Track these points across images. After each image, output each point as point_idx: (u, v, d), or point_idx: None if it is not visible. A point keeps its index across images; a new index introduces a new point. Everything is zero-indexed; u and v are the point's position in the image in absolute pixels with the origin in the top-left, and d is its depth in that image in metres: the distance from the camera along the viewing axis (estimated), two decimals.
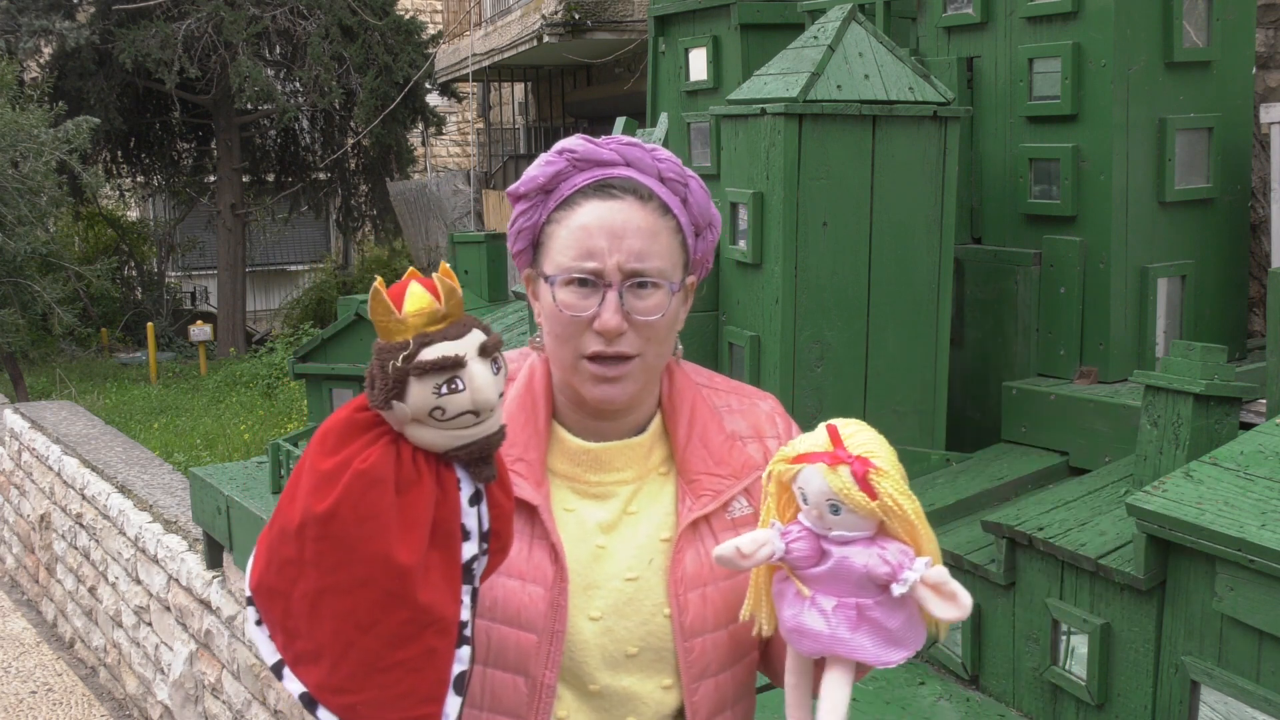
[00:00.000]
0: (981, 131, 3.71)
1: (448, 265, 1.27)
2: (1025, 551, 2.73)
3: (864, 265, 3.25)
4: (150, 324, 14.87)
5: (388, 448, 1.25)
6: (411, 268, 1.30)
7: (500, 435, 1.30)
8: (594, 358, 1.46)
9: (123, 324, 17.08)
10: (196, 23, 13.90)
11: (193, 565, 5.72)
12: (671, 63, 4.61)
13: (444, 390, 1.22)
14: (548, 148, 1.59)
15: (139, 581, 6.49)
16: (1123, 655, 2.51)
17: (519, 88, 18.17)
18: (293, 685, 1.27)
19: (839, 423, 1.38)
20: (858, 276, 3.25)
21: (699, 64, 4.39)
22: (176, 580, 5.91)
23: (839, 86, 3.21)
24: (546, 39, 12.36)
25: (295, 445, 4.92)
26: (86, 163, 13.21)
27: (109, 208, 18.50)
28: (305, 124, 17.45)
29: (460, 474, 1.29)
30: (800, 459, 1.37)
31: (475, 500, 1.30)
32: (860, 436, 1.37)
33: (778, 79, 3.31)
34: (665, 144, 4.83)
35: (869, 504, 1.33)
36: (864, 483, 1.33)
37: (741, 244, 3.40)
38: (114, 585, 6.93)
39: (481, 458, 1.28)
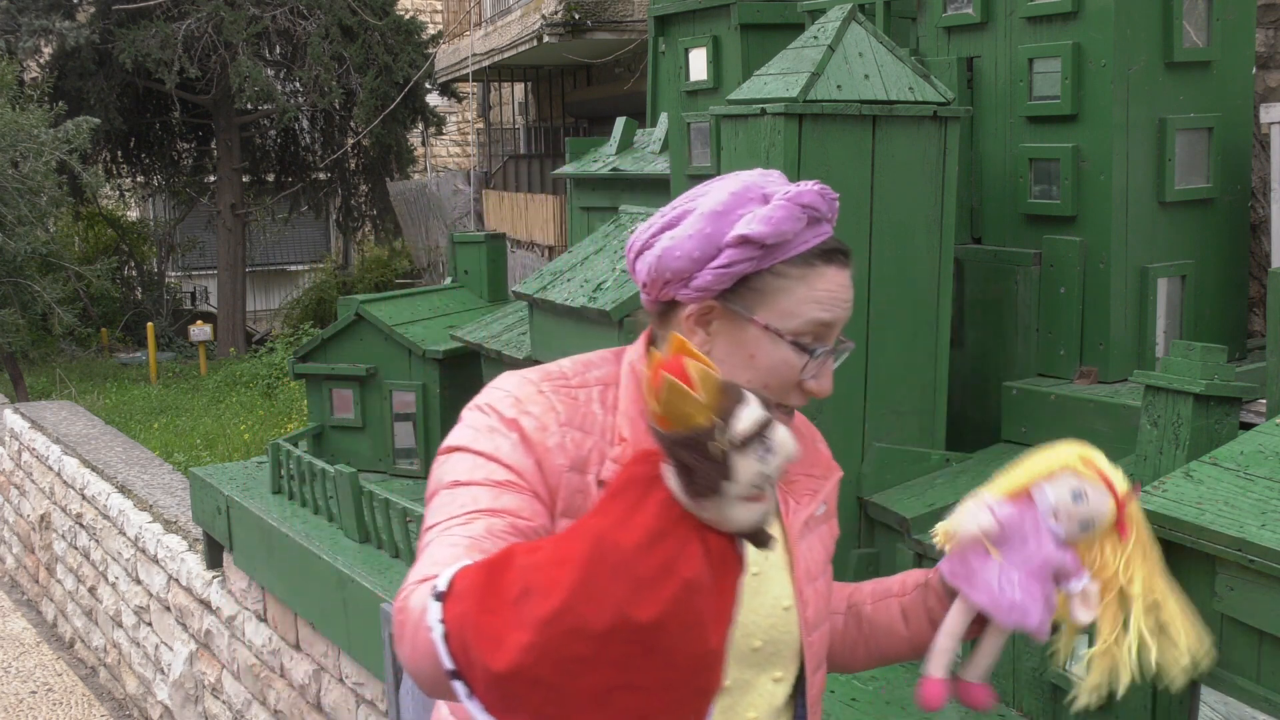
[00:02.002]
0: (981, 131, 3.71)
1: (680, 336, 1.16)
2: None
3: (864, 265, 3.25)
4: (150, 324, 14.87)
5: (701, 543, 1.12)
6: (656, 354, 1.17)
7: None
8: (789, 410, 1.53)
9: (123, 324, 17.08)
10: (196, 23, 13.90)
11: (193, 565, 5.72)
12: (671, 63, 4.61)
13: (764, 456, 1.12)
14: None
15: (139, 581, 6.49)
16: None
17: (519, 88, 18.17)
18: None
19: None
20: (858, 276, 3.23)
21: (699, 64, 4.39)
22: (176, 580, 5.91)
23: (839, 86, 3.21)
24: (546, 39, 12.36)
25: (295, 445, 4.92)
26: (86, 163, 13.21)
27: (109, 208, 18.50)
28: (305, 124, 17.46)
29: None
30: (1101, 477, 1.60)
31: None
32: (1136, 507, 1.62)
33: (778, 79, 3.31)
34: (665, 144, 4.83)
35: (1098, 544, 1.60)
36: (1121, 528, 1.60)
37: None
38: (114, 585, 6.93)
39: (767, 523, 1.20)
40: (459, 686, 1.10)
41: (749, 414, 1.11)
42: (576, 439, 1.45)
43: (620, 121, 5.28)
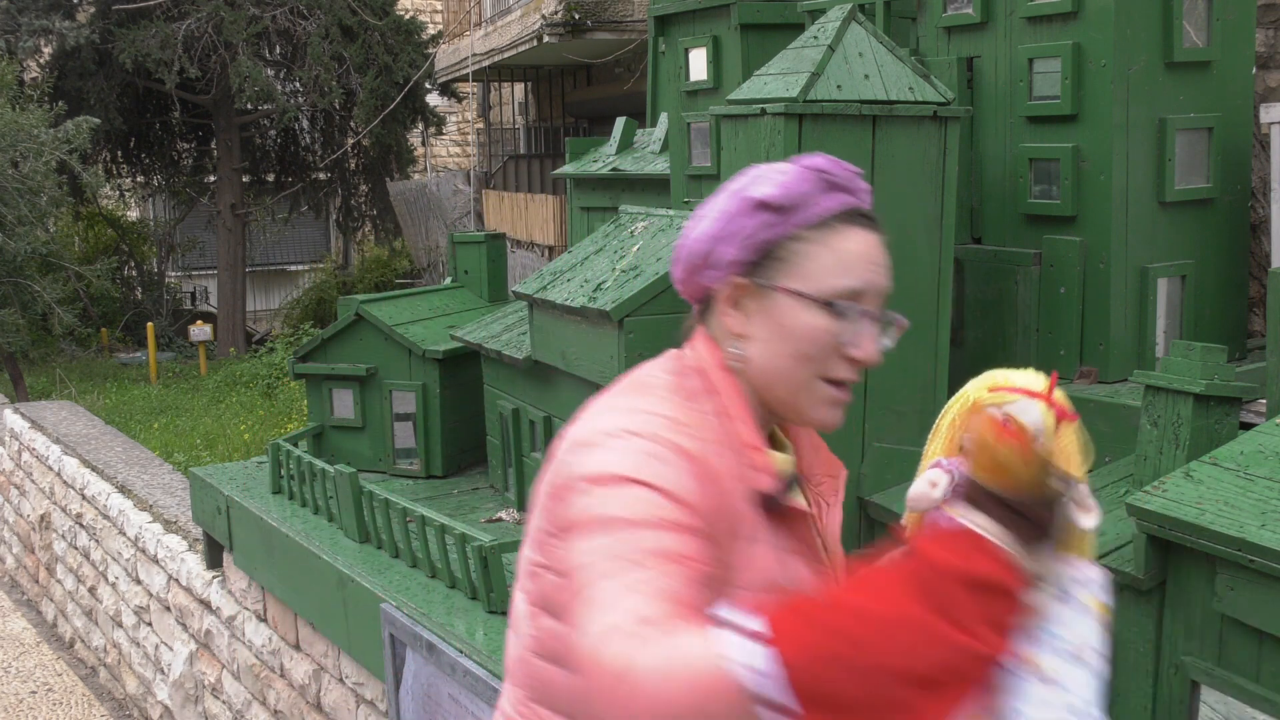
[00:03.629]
0: (981, 131, 3.71)
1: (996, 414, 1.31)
2: None
3: None
4: (150, 324, 14.87)
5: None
6: (980, 407, 1.38)
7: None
8: (838, 381, 1.50)
9: (123, 324, 17.08)
10: (196, 23, 13.90)
11: (193, 565, 5.72)
12: (671, 63, 4.61)
13: (1077, 510, 1.26)
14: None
15: (139, 581, 6.49)
16: (1122, 655, 2.51)
17: (519, 88, 18.17)
18: None
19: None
20: None
21: (699, 64, 4.39)
22: (176, 580, 5.91)
23: (839, 86, 3.21)
24: (546, 39, 12.35)
25: (295, 445, 4.92)
26: (86, 163, 13.21)
27: (109, 208, 18.50)
28: (305, 124, 17.46)
29: None
30: (1019, 391, 1.43)
31: None
32: (1061, 394, 1.47)
33: (778, 79, 3.31)
34: (665, 144, 4.83)
35: (1053, 444, 1.40)
36: (1060, 414, 1.43)
37: None
38: (114, 585, 6.93)
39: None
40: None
41: (1059, 470, 1.25)
42: (726, 455, 1.43)
43: (620, 121, 5.27)
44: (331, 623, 4.28)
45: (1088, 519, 1.40)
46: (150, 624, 6.40)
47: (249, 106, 15.89)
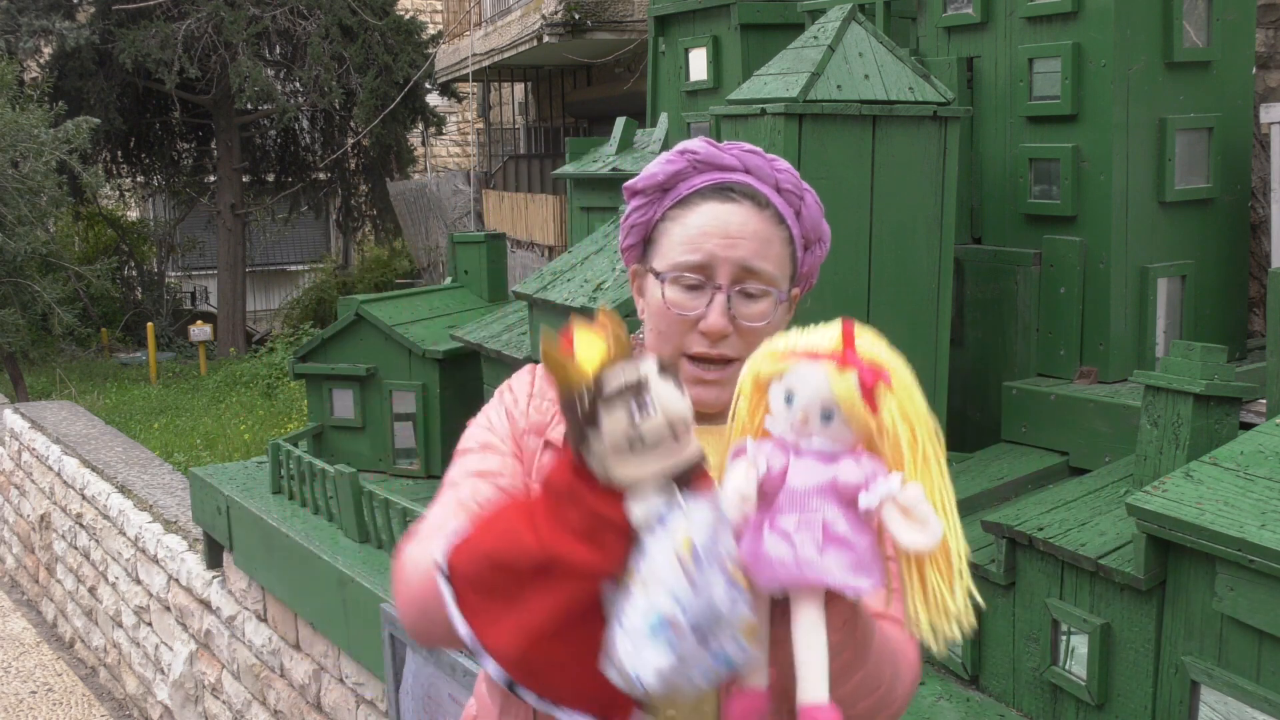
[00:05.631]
0: (981, 131, 3.71)
1: (607, 308, 1.25)
2: (1025, 551, 2.73)
3: (864, 265, 3.24)
4: (150, 324, 14.87)
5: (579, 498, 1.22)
6: (575, 319, 1.30)
7: (700, 456, 1.22)
8: (696, 358, 1.49)
9: (123, 324, 17.09)
10: (196, 23, 13.90)
11: (193, 565, 5.72)
12: (671, 63, 4.61)
13: (637, 416, 1.18)
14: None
15: (139, 581, 6.49)
16: (1123, 655, 2.51)
17: (519, 88, 18.17)
18: None
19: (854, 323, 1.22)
20: (858, 276, 3.25)
21: (699, 64, 4.39)
22: (176, 580, 5.91)
23: (839, 86, 3.21)
24: (546, 39, 12.36)
25: (295, 445, 4.92)
26: (86, 163, 13.20)
27: (109, 208, 18.50)
28: (305, 124, 17.46)
29: None
30: (801, 354, 1.20)
31: None
32: (872, 343, 1.21)
33: (778, 79, 3.31)
34: (665, 144, 4.83)
35: (868, 419, 1.17)
36: (869, 394, 1.17)
37: None
38: (114, 585, 6.93)
39: (685, 483, 1.23)
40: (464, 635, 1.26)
41: (620, 372, 1.17)
42: (541, 407, 1.55)
43: (620, 121, 5.27)
44: (331, 623, 4.28)
45: (910, 531, 1.15)
46: (150, 624, 6.40)
47: (249, 106, 15.89)
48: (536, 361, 1.79)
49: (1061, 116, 3.45)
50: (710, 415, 1.51)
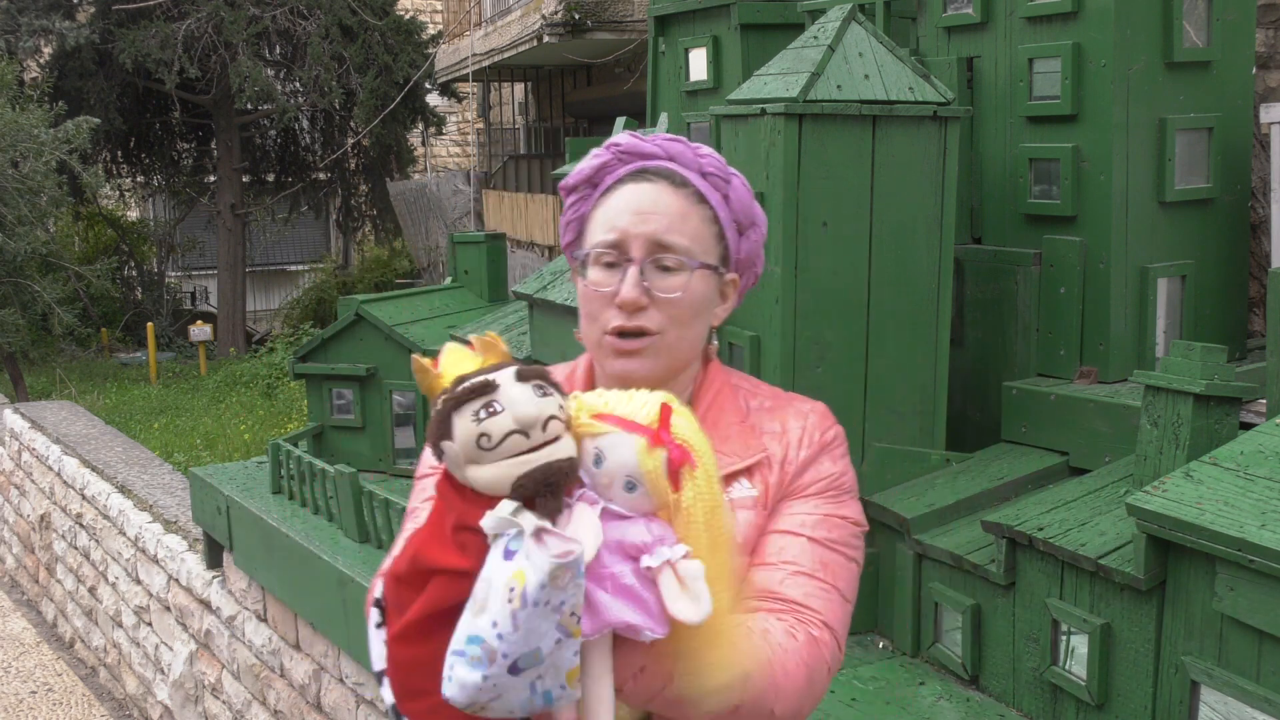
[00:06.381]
0: (981, 131, 3.71)
1: (493, 334, 1.37)
2: (1025, 551, 2.73)
3: (864, 265, 3.25)
4: (150, 324, 14.88)
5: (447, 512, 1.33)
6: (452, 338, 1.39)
7: (571, 464, 1.27)
8: (615, 332, 1.51)
9: (123, 324, 17.09)
10: (196, 23, 13.90)
11: (193, 565, 5.72)
12: (671, 63, 4.61)
13: (483, 415, 1.25)
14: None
15: (139, 581, 6.49)
16: (1123, 655, 2.51)
17: (519, 88, 18.17)
18: None
19: (670, 400, 1.31)
20: (858, 276, 3.25)
21: (699, 64, 4.39)
22: (176, 580, 5.91)
23: (839, 86, 3.21)
24: (546, 39, 12.36)
25: (295, 445, 4.92)
26: (86, 163, 13.20)
27: (109, 208, 18.50)
28: (305, 124, 17.47)
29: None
30: (617, 422, 1.28)
31: None
32: (684, 424, 1.29)
33: (778, 79, 3.31)
34: None
35: (669, 495, 1.26)
36: (674, 474, 1.26)
37: None
38: (114, 585, 6.93)
39: (548, 489, 1.26)
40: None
41: (472, 379, 1.28)
42: None
43: (620, 121, 5.27)
44: (331, 623, 4.28)
45: (682, 600, 1.22)
46: (150, 624, 6.40)
47: (249, 106, 15.89)
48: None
49: (1061, 116, 3.45)
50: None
